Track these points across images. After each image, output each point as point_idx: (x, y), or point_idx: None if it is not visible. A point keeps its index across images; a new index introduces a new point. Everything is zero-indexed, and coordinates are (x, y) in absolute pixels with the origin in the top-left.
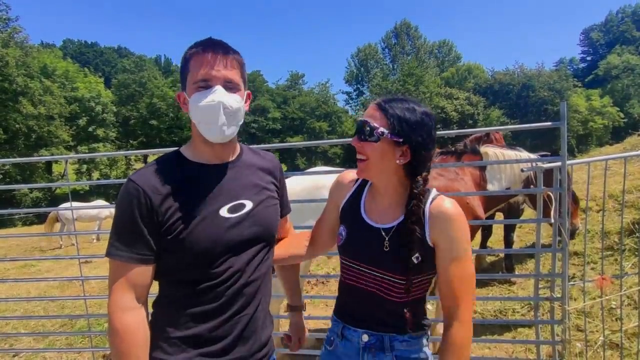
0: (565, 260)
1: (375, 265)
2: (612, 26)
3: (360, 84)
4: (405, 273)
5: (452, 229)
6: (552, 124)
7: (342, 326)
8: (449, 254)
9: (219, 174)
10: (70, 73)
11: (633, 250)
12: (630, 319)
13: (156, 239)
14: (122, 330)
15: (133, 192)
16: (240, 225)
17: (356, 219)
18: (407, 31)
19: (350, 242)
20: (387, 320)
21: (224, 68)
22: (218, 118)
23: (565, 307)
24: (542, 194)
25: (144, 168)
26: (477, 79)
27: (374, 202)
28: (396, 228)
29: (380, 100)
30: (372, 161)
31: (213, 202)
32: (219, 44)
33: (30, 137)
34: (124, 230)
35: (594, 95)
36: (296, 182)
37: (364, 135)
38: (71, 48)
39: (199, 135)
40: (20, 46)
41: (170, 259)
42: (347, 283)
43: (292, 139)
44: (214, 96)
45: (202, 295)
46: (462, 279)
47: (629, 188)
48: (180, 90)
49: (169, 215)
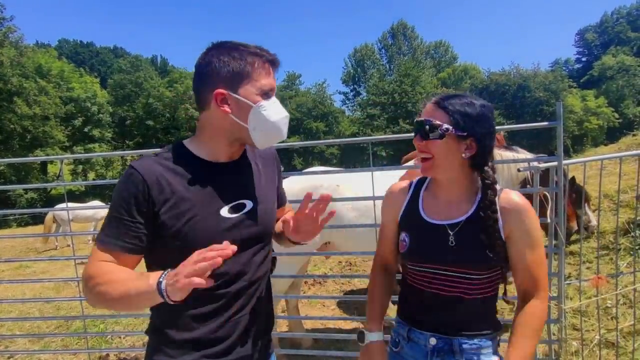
0: (562, 259)
1: (443, 264)
2: (607, 27)
3: (357, 85)
4: (476, 266)
5: (527, 220)
6: (548, 124)
7: (409, 328)
8: (525, 243)
9: (225, 173)
10: (66, 73)
11: (628, 249)
12: (625, 318)
13: (150, 230)
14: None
15: (133, 179)
16: (240, 225)
17: (417, 221)
18: (403, 32)
19: (414, 245)
20: (456, 322)
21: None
22: (285, 129)
23: (561, 306)
24: (539, 193)
25: (147, 157)
26: (473, 79)
27: (436, 201)
28: (465, 222)
29: (437, 98)
30: (437, 159)
31: (214, 201)
32: (273, 54)
33: (25, 138)
34: (119, 217)
35: (589, 95)
36: (294, 182)
37: (426, 133)
38: (67, 48)
39: (229, 135)
40: (15, 46)
41: (168, 257)
42: (414, 287)
43: (289, 139)
44: (282, 109)
45: (202, 296)
46: (540, 264)
47: (624, 188)
48: (223, 89)
49: (167, 209)
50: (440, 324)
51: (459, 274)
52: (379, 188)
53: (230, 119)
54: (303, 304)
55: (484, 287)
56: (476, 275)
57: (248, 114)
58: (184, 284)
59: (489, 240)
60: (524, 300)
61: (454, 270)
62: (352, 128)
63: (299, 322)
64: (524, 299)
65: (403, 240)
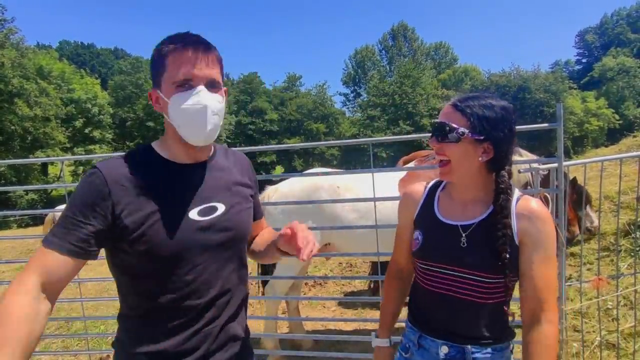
0: (562, 261)
1: (455, 264)
2: (607, 28)
3: (357, 86)
4: (490, 270)
5: (543, 229)
6: (549, 125)
7: (419, 334)
8: (538, 254)
9: (191, 175)
10: (67, 74)
11: (629, 250)
12: (626, 320)
13: (107, 234)
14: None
15: (94, 180)
16: (211, 229)
17: (431, 220)
18: (404, 33)
19: (426, 243)
20: (467, 329)
21: (206, 66)
22: (205, 121)
23: (562, 307)
24: (539, 195)
25: (113, 158)
26: (473, 80)
27: (451, 201)
28: (478, 224)
29: (455, 100)
30: (455, 162)
31: (183, 204)
32: (199, 39)
33: (26, 139)
34: (72, 217)
35: (590, 97)
36: (295, 184)
37: (443, 136)
38: (67, 49)
39: (174, 136)
40: (16, 47)
41: (133, 263)
42: (425, 288)
43: (289, 140)
44: (199, 98)
45: (170, 306)
46: (550, 280)
47: (625, 189)
48: (153, 88)
49: (131, 211)
50: (452, 329)
51: (469, 276)
52: (379, 189)
53: (166, 118)
54: (303, 305)
55: (495, 292)
56: (487, 279)
57: (168, 110)
58: None
59: (499, 245)
60: (531, 323)
61: (464, 271)
62: (353, 129)
63: (300, 324)
64: (531, 321)
65: (416, 239)
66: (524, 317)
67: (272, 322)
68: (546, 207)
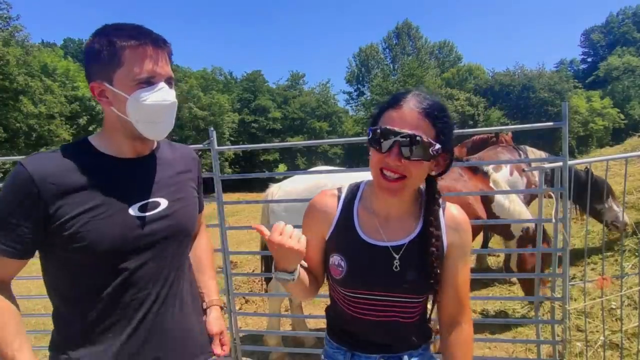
0: (566, 260)
1: (386, 290)
2: (613, 27)
3: (360, 84)
4: (425, 291)
5: (466, 236)
6: (554, 124)
7: (351, 354)
8: (462, 262)
9: (131, 169)
10: (71, 72)
11: (633, 250)
12: (630, 319)
13: (40, 233)
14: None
15: (20, 178)
16: (153, 225)
17: (354, 242)
18: (408, 31)
19: (353, 271)
20: (401, 343)
21: (165, 64)
22: (170, 117)
23: (565, 307)
24: (545, 194)
25: (42, 153)
26: (477, 79)
27: (373, 216)
28: (410, 243)
29: (423, 105)
30: (411, 181)
31: (122, 199)
32: (154, 35)
33: (31, 136)
34: (2, 219)
35: (595, 96)
36: (299, 182)
37: (414, 153)
38: (72, 47)
39: (123, 130)
40: (21, 45)
41: (70, 260)
42: (350, 315)
43: (292, 139)
44: (164, 95)
45: (110, 301)
46: (467, 282)
47: (629, 189)
48: (99, 81)
49: (65, 209)
50: (386, 344)
51: (399, 299)
52: None
53: (113, 112)
54: (306, 303)
55: (422, 307)
56: (416, 299)
57: (126, 106)
58: None
59: (433, 263)
60: (451, 325)
61: (395, 296)
62: (356, 128)
63: (302, 321)
64: (451, 324)
65: (338, 265)
66: (444, 320)
67: (275, 319)
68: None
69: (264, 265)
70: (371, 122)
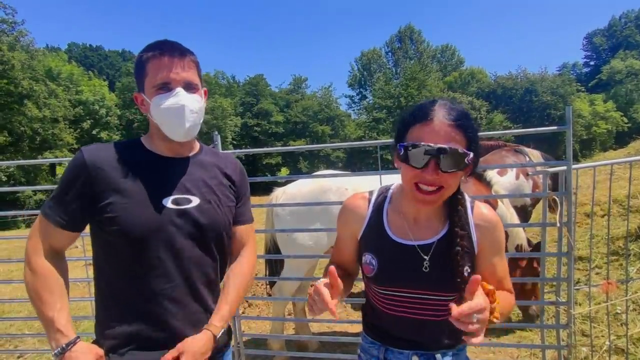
0: (571, 264)
1: (417, 287)
2: (616, 31)
3: (363, 88)
4: (453, 289)
5: (498, 234)
6: (558, 128)
7: (385, 349)
8: (495, 254)
9: (172, 166)
10: (75, 76)
11: (638, 255)
12: (635, 324)
13: (86, 211)
14: (41, 272)
15: (77, 164)
16: (183, 219)
17: (384, 241)
18: (410, 35)
19: (384, 269)
20: (434, 341)
21: (182, 70)
22: (183, 119)
23: (570, 311)
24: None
25: (99, 144)
26: (480, 83)
27: (402, 217)
28: (438, 243)
29: (453, 115)
30: (450, 190)
31: (159, 191)
32: (175, 46)
33: (35, 140)
34: (59, 194)
35: (598, 100)
36: (303, 186)
37: (451, 165)
38: (76, 51)
39: (158, 132)
40: (25, 49)
41: (108, 239)
42: (383, 311)
43: (294, 142)
44: (177, 99)
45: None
46: (506, 272)
47: (634, 193)
48: (137, 92)
49: (108, 193)
50: (419, 341)
51: (430, 297)
52: None
53: (150, 117)
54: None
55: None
56: (448, 297)
57: (151, 110)
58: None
59: (462, 261)
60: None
61: (426, 293)
62: (358, 131)
63: (306, 325)
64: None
65: (369, 264)
66: None
67: (279, 323)
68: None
69: (268, 269)
70: (396, 137)
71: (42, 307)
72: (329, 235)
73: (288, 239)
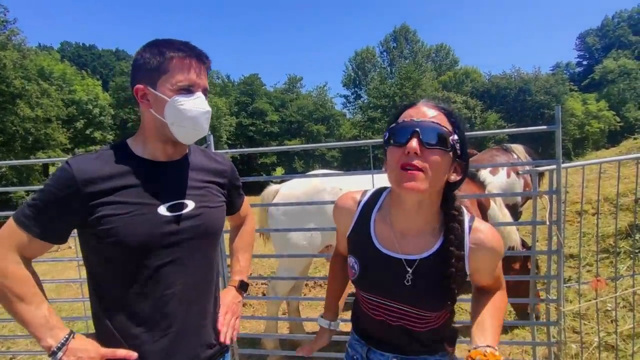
0: (561, 262)
1: (397, 300)
2: (608, 31)
3: (357, 88)
4: (438, 308)
5: (496, 259)
6: (548, 127)
7: (367, 348)
8: (494, 271)
9: (164, 172)
10: (68, 76)
11: (628, 252)
12: (625, 321)
13: (77, 226)
14: (19, 276)
15: (64, 177)
16: (179, 224)
17: (368, 248)
18: (405, 35)
19: (364, 275)
20: (414, 346)
21: (204, 77)
22: (206, 124)
23: (560, 308)
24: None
25: (86, 155)
26: (474, 82)
27: (390, 227)
28: (426, 259)
29: (446, 109)
30: (433, 174)
31: (152, 199)
32: (199, 50)
33: (27, 140)
34: (42, 205)
35: (590, 99)
36: (297, 185)
37: (434, 141)
38: (69, 51)
39: (156, 132)
40: (17, 48)
41: (103, 250)
42: (366, 312)
43: (290, 142)
44: (203, 104)
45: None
46: (501, 274)
47: (624, 191)
48: (143, 85)
49: (101, 206)
50: (399, 346)
51: (412, 311)
52: None
53: (151, 114)
54: (304, 306)
55: (434, 320)
56: (429, 314)
57: (164, 109)
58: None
59: (450, 281)
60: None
61: (407, 307)
62: (353, 131)
63: (300, 324)
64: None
65: (352, 267)
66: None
67: (273, 322)
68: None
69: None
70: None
71: (27, 308)
72: (323, 235)
73: (282, 239)
